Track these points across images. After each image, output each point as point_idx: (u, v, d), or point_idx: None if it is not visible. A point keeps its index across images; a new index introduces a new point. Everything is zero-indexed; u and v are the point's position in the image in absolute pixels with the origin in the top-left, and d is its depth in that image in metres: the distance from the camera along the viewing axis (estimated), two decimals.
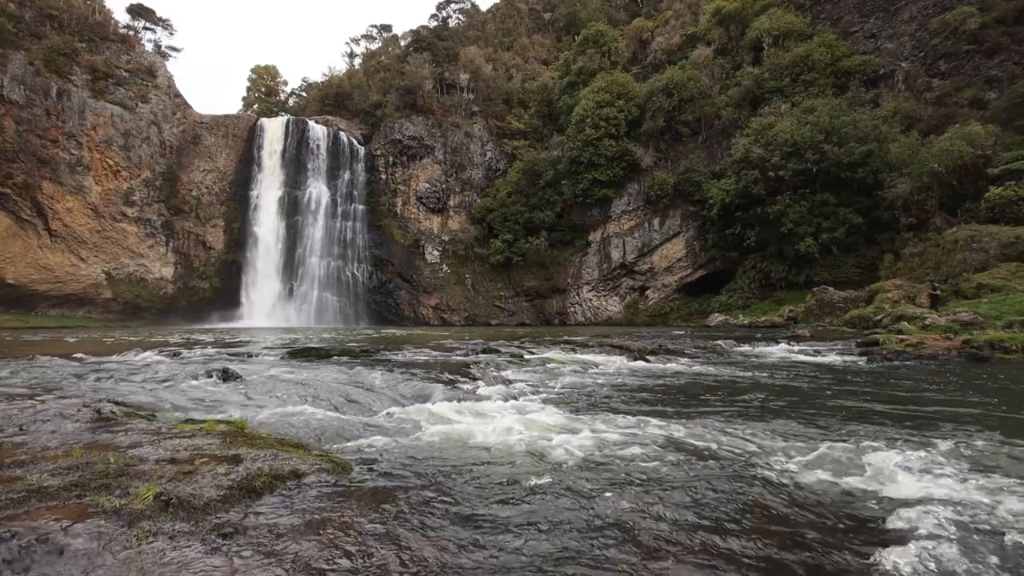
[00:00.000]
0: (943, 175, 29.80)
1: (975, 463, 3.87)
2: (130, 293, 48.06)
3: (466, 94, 58.62)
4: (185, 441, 3.69)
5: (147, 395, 6.39)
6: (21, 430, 3.94)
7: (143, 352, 12.06)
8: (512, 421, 5.37)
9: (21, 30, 44.25)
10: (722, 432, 4.91)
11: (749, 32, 47.46)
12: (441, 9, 77.71)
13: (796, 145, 35.78)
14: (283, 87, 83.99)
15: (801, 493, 3.31)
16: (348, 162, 54.44)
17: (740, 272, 40.97)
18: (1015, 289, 19.94)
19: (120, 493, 2.63)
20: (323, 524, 2.59)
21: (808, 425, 5.31)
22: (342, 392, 6.80)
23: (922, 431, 5.01)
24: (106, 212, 46.47)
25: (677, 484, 3.40)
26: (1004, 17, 34.67)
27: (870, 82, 40.07)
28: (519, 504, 3.03)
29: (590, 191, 47.99)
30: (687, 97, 45.94)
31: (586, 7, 67.59)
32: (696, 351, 13.89)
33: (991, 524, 2.78)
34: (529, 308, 51.64)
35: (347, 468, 3.53)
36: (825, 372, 10.08)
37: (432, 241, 53.74)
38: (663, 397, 7.28)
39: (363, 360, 10.91)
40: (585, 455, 4.10)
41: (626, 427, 5.12)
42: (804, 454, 4.17)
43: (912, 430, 5.06)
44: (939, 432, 4.95)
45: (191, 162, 51.74)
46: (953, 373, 9.53)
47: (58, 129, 43.69)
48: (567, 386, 8.29)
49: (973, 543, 2.57)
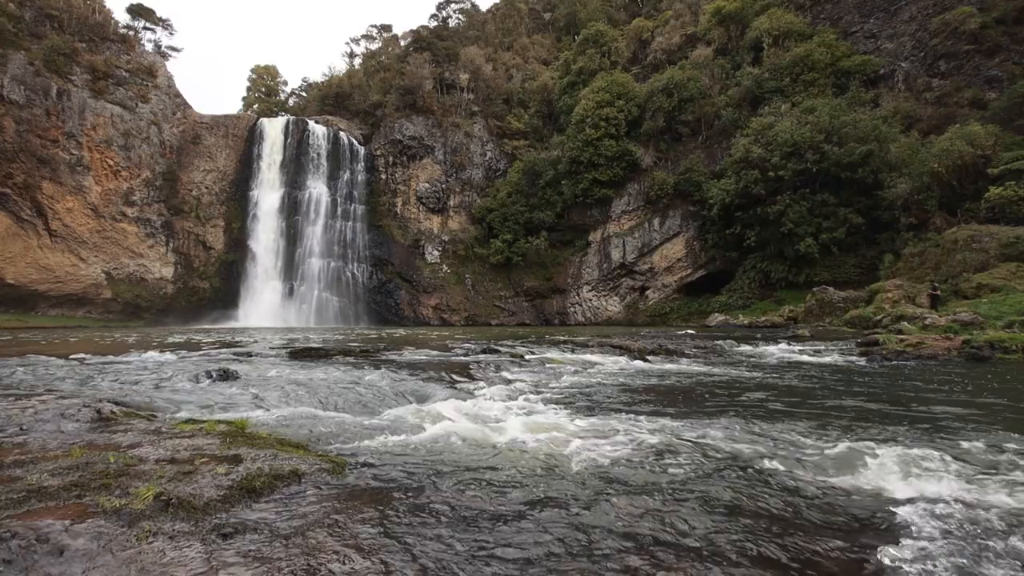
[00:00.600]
0: (943, 175, 29.81)
1: (976, 463, 3.87)
2: (130, 293, 48.07)
3: (466, 94, 58.63)
4: (185, 441, 3.69)
5: (147, 395, 6.39)
6: (21, 430, 3.94)
7: (143, 352, 12.07)
8: (512, 421, 5.37)
9: (21, 30, 44.26)
10: (721, 432, 4.90)
11: (749, 32, 47.47)
12: (441, 9, 77.78)
13: (796, 145, 35.79)
14: (283, 87, 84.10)
15: (801, 492, 3.31)
16: (348, 162, 54.45)
17: (740, 272, 40.99)
18: (1015, 289, 19.95)
19: (120, 493, 2.63)
20: (323, 524, 2.59)
21: (808, 425, 5.31)
22: (342, 392, 6.80)
23: (922, 431, 5.01)
24: (106, 212, 46.48)
25: (675, 482, 3.40)
26: (1004, 17, 34.70)
27: (870, 82, 40.08)
28: (519, 504, 3.03)
29: (590, 191, 48.01)
30: (687, 97, 45.96)
31: (586, 7, 67.59)
32: (696, 351, 13.89)
33: (992, 524, 2.78)
34: (529, 308, 51.65)
35: (347, 468, 3.53)
36: (825, 372, 10.08)
37: (432, 241, 53.74)
38: (662, 397, 7.28)
39: (363, 360, 10.91)
40: (586, 455, 4.10)
41: (626, 427, 5.12)
42: (804, 454, 4.17)
43: (912, 430, 5.06)
44: (940, 432, 4.95)
45: (191, 162, 51.75)
46: (953, 373, 9.53)
47: (58, 129, 43.70)
48: (567, 386, 8.29)
49: (974, 543, 2.57)
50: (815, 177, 36.07)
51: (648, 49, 57.51)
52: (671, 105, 45.93)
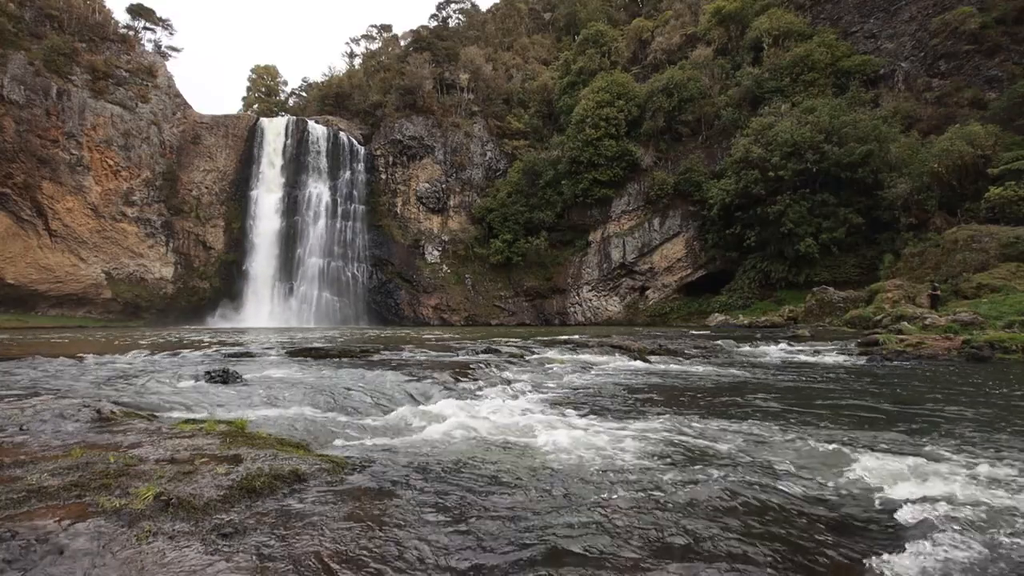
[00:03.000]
0: (943, 175, 29.80)
1: (975, 463, 3.87)
2: (130, 293, 48.05)
3: (466, 94, 58.62)
4: (185, 441, 3.69)
5: (147, 395, 6.39)
6: (21, 430, 3.94)
7: (143, 352, 12.07)
8: (512, 421, 5.38)
9: (21, 30, 44.24)
10: (721, 432, 4.91)
11: (749, 32, 47.46)
12: (441, 9, 77.75)
13: (796, 145, 35.78)
14: (283, 87, 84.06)
15: (801, 493, 3.31)
16: (348, 162, 54.44)
17: (740, 272, 40.98)
18: (1015, 289, 19.95)
19: (120, 493, 2.63)
20: (323, 524, 2.59)
21: (808, 425, 5.31)
22: (342, 392, 6.80)
23: (923, 431, 5.01)
24: (106, 212, 46.47)
25: (673, 482, 3.40)
26: (1004, 17, 34.69)
27: (870, 82, 40.07)
28: (519, 504, 3.03)
29: (590, 191, 48.00)
30: (687, 97, 45.94)
31: (586, 7, 67.58)
32: (696, 351, 13.89)
33: (993, 524, 2.78)
34: (529, 308, 51.64)
35: (347, 468, 3.53)
36: (825, 372, 10.08)
37: (432, 241, 53.74)
38: (662, 397, 7.28)
39: (363, 360, 10.91)
40: (586, 455, 4.10)
41: (626, 426, 5.12)
42: (803, 454, 4.17)
43: (913, 430, 5.06)
44: (940, 432, 4.95)
45: (191, 162, 51.73)
46: (953, 373, 9.53)
47: (58, 129, 43.68)
48: (567, 386, 8.29)
49: (975, 543, 2.57)
50: (815, 177, 36.06)
51: (648, 49, 57.50)
52: (671, 105, 45.91)
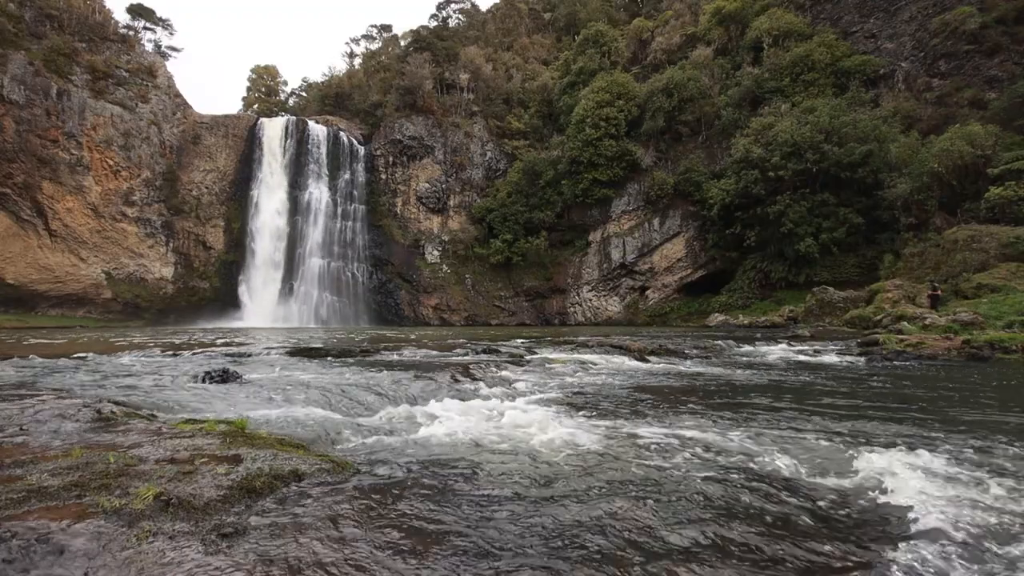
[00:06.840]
0: (943, 175, 29.79)
1: (975, 463, 3.87)
2: (130, 293, 48.07)
3: (466, 94, 58.63)
4: (185, 441, 3.68)
5: (147, 395, 6.38)
6: (21, 430, 3.94)
7: (143, 352, 12.07)
8: (512, 421, 5.37)
9: (21, 30, 44.26)
10: (722, 432, 4.90)
11: (749, 32, 47.49)
12: (441, 9, 77.79)
13: (796, 145, 35.80)
14: (283, 87, 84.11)
15: (800, 493, 3.31)
16: (348, 162, 54.46)
17: (740, 272, 41.00)
18: (1015, 289, 19.94)
19: (120, 493, 2.63)
20: (323, 524, 2.59)
21: (807, 425, 5.31)
22: (342, 392, 6.80)
23: (922, 431, 5.01)
24: (106, 212, 46.48)
25: (673, 482, 3.39)
26: (1004, 17, 34.69)
27: (870, 82, 40.08)
28: (520, 504, 3.03)
29: (590, 191, 48.01)
30: (687, 97, 45.95)
31: (586, 7, 67.61)
32: (696, 351, 13.89)
33: (993, 524, 2.78)
34: (529, 308, 51.64)
35: (347, 468, 3.52)
36: (825, 372, 10.08)
37: (432, 241, 53.75)
38: (662, 397, 7.28)
39: (363, 360, 10.91)
40: (586, 454, 4.10)
41: (627, 426, 5.12)
42: (803, 454, 4.17)
43: (912, 430, 5.06)
44: (940, 432, 4.95)
45: (191, 162, 51.74)
46: (953, 373, 9.53)
47: (58, 129, 43.69)
48: (567, 386, 8.28)
49: (975, 544, 2.56)
50: (815, 177, 36.07)
51: (648, 49, 57.51)
52: (671, 105, 45.92)
